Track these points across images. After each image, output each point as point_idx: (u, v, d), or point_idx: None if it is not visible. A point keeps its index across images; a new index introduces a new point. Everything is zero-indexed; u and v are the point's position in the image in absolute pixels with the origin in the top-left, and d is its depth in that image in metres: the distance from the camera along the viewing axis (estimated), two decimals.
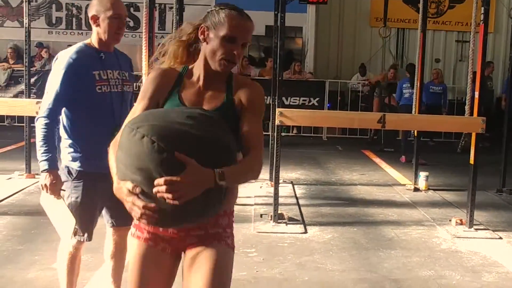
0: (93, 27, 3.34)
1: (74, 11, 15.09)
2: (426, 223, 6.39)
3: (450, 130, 11.18)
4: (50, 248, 5.02)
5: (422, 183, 8.05)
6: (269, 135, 7.70)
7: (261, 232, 5.73)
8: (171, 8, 11.22)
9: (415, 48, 9.44)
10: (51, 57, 14.64)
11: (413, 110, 8.40)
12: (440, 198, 7.69)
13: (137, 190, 2.01)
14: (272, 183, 6.49)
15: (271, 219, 6.03)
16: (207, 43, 2.31)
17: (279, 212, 6.08)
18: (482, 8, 6.17)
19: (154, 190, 1.95)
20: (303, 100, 12.98)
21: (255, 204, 6.76)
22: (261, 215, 6.23)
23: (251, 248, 5.27)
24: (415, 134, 8.54)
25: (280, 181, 6.71)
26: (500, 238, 5.93)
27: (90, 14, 3.32)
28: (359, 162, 10.36)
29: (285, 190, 7.42)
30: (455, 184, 8.39)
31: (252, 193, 7.29)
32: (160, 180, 1.94)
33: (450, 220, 6.31)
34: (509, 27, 9.62)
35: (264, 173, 8.01)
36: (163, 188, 1.93)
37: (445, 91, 12.05)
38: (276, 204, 6.03)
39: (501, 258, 5.31)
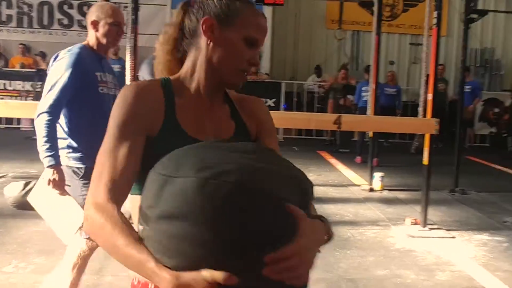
0: (91, 31, 3.44)
1: (26, 9, 14.78)
2: (381, 223, 6.46)
3: (405, 131, 11.35)
4: (0, 251, 4.91)
5: (377, 183, 8.14)
6: None
7: None
8: (126, 7, 11.09)
9: (370, 50, 9.56)
10: (1, 55, 14.33)
11: (368, 111, 8.50)
12: (394, 198, 7.79)
13: (234, 279, 1.20)
14: None
15: None
16: (213, 44, 1.61)
17: None
18: (435, 12, 6.28)
19: (268, 271, 1.20)
20: None
21: None
22: None
23: None
24: (371, 135, 8.65)
25: None
26: (453, 237, 6.04)
27: (90, 19, 3.43)
28: (315, 162, 10.42)
29: None
30: (409, 184, 8.52)
31: None
32: (284, 253, 1.21)
33: (404, 220, 6.40)
34: (460, 31, 9.82)
35: None
36: (285, 264, 1.21)
37: (399, 93, 12.24)
38: None
39: (454, 256, 5.41)
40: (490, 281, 4.82)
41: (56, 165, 3.20)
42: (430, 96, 6.32)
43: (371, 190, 8.09)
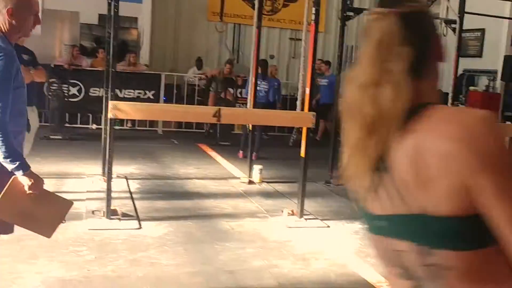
0: (5, 18, 3.14)
1: None
2: (260, 215, 6.53)
3: (284, 125, 11.55)
4: None
5: (256, 176, 8.22)
6: (102, 128, 7.45)
7: (93, 229, 5.51)
8: None
9: (251, 43, 9.62)
10: None
11: (248, 104, 8.56)
12: (273, 190, 7.90)
13: None
14: (105, 178, 6.28)
15: (103, 215, 5.82)
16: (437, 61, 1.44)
17: (112, 208, 5.89)
18: (314, 9, 6.42)
19: None
20: (138, 92, 12.72)
21: (87, 199, 6.50)
22: (93, 212, 5.99)
23: (82, 246, 5.05)
24: (250, 128, 8.72)
25: (114, 176, 6.52)
26: (328, 226, 6.21)
27: (5, 6, 3.12)
28: (195, 156, 10.37)
29: (118, 185, 7.21)
30: (287, 176, 8.64)
31: (83, 188, 7.01)
32: None
33: (282, 211, 6.49)
34: (338, 28, 10.11)
35: (97, 168, 7.74)
36: None
37: (279, 87, 12.41)
38: (109, 199, 5.83)
39: (328, 245, 5.57)
40: (362, 267, 5.00)
41: (29, 170, 3.04)
42: (307, 90, 6.45)
43: (250, 182, 8.15)
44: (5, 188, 3.04)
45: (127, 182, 7.64)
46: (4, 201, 3.04)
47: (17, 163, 2.99)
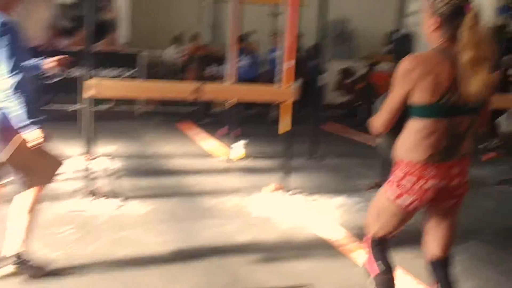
0: None
1: None
2: (242, 191, 6.49)
3: (266, 100, 11.44)
4: None
5: (239, 152, 8.17)
6: (79, 109, 7.34)
7: (74, 209, 5.45)
8: None
9: (231, 19, 9.50)
10: None
11: (230, 80, 8.48)
12: (255, 166, 7.87)
13: None
14: (86, 157, 6.20)
15: (85, 195, 5.76)
16: None
17: (95, 187, 5.84)
18: None
19: None
20: (118, 72, 12.59)
21: (68, 179, 6.43)
22: (74, 192, 5.92)
23: (65, 226, 5.00)
24: (232, 104, 8.67)
25: (95, 156, 6.44)
26: (313, 200, 6.20)
27: None
28: (176, 134, 10.31)
29: (101, 164, 7.14)
30: (269, 152, 8.57)
31: (64, 169, 6.91)
32: None
33: (265, 187, 6.46)
34: (317, 1, 10.06)
35: (76, 148, 7.65)
36: None
37: (259, 62, 12.32)
38: (91, 179, 5.77)
39: (311, 221, 5.56)
40: (347, 239, 5.00)
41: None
42: (289, 64, 6.37)
43: (232, 160, 8.11)
44: (17, 142, 3.62)
45: (108, 161, 7.56)
46: (16, 152, 3.64)
47: (32, 120, 3.59)
